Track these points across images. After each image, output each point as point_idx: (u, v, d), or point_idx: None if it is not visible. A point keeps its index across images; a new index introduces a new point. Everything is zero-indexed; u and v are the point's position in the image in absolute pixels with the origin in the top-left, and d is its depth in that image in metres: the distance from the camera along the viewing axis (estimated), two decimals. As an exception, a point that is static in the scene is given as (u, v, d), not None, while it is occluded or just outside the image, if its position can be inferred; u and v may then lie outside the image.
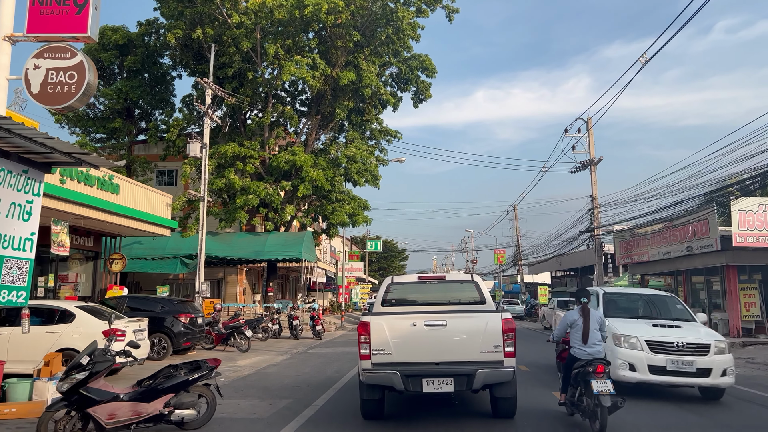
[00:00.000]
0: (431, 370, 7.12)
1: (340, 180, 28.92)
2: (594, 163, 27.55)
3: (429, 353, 7.18)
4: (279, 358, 15.69)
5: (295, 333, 22.33)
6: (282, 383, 11.12)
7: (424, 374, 7.10)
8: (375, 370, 7.15)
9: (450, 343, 7.19)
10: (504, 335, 7.13)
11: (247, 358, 15.64)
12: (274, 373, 12.49)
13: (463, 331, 7.23)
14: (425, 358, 7.18)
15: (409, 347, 7.20)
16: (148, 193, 22.65)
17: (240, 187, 27.43)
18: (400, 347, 7.18)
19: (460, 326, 7.25)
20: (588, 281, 51.48)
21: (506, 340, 7.13)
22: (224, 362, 14.43)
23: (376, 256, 78.96)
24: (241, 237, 28.42)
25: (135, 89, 29.87)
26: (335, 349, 18.10)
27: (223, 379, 10.25)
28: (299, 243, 27.27)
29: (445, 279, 8.83)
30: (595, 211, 27.40)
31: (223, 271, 33.15)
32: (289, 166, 27.75)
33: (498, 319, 7.20)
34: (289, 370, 13.21)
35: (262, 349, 18.18)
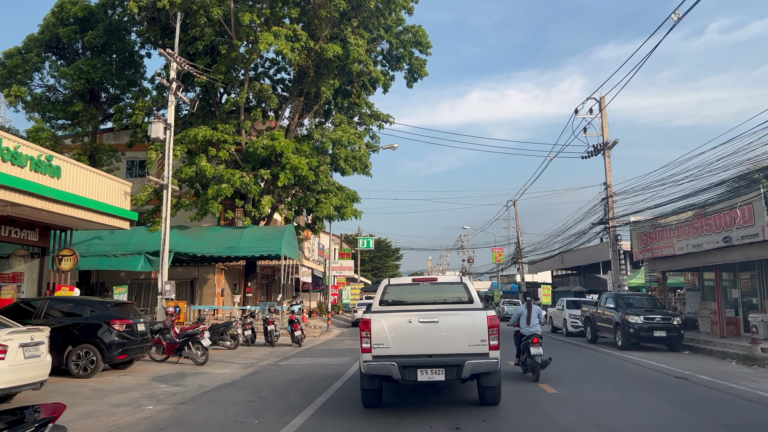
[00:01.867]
0: (425, 362, 7.77)
1: (326, 169, 25.95)
2: (608, 146, 24.67)
3: (423, 346, 7.82)
4: (239, 374, 12.70)
5: (271, 340, 19.36)
6: (221, 418, 8.14)
7: (418, 365, 7.74)
8: (375, 362, 7.75)
9: (441, 338, 7.83)
10: (489, 330, 7.79)
11: (200, 373, 12.66)
12: (219, 400, 9.52)
13: (452, 327, 7.87)
14: (420, 350, 7.82)
15: (406, 341, 7.82)
16: (100, 179, 19.64)
17: (212, 175, 24.47)
18: (397, 341, 7.80)
19: (450, 322, 7.91)
20: (594, 280, 48.59)
21: (491, 334, 7.80)
22: (170, 380, 11.45)
23: (369, 256, 75.97)
24: (215, 231, 25.42)
25: (97, 69, 26.81)
26: (311, 361, 15.13)
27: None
28: (279, 238, 24.29)
29: (437, 281, 9.67)
30: (610, 200, 24.52)
31: (198, 271, 30.12)
32: (267, 153, 24.80)
33: (483, 316, 7.90)
34: (242, 393, 10.24)
35: (225, 360, 15.20)
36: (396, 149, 29.07)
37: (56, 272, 19.48)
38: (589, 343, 21.17)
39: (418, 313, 8.00)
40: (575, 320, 24.75)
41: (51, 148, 21.73)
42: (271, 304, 40.01)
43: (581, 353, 17.56)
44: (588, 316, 21.76)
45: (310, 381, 11.51)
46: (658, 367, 13.85)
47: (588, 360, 15.67)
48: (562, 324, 26.06)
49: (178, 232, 25.18)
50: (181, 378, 11.95)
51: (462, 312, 8.17)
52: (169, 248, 24.08)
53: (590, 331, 21.43)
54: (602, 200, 24.89)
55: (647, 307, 19.21)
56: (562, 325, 25.92)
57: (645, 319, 17.99)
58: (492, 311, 8.15)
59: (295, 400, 9.36)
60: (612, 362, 15.11)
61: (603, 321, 20.23)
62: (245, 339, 19.58)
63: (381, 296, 8.95)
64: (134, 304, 14.51)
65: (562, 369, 13.37)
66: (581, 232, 27.54)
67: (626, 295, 20.80)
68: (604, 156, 24.80)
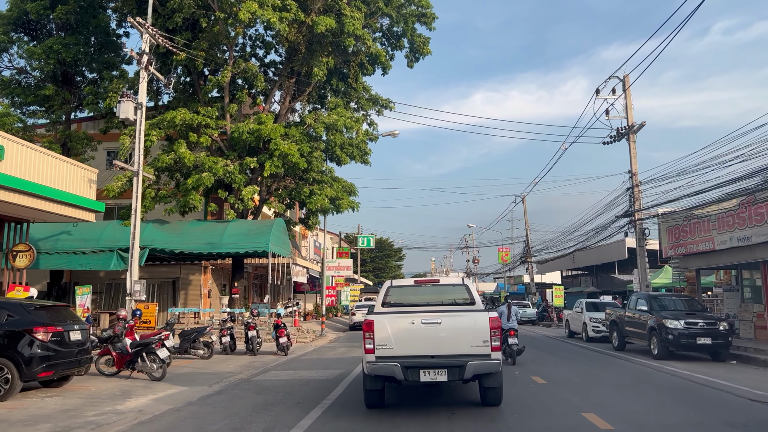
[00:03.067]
0: (427, 362, 7.79)
1: (320, 156, 23.44)
2: (633, 129, 22.10)
3: (425, 347, 7.83)
4: (197, 395, 10.19)
5: (252, 347, 16.83)
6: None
7: (421, 366, 7.76)
8: (378, 363, 7.77)
9: (444, 339, 7.83)
10: (491, 331, 7.76)
11: (150, 393, 10.15)
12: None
13: (455, 328, 7.88)
14: (422, 351, 7.82)
15: (408, 342, 7.84)
16: (58, 164, 17.20)
17: (192, 163, 22.00)
18: (400, 342, 7.82)
19: (452, 324, 7.92)
20: (607, 280, 45.92)
21: (493, 336, 7.75)
22: (106, 403, 8.96)
23: (371, 256, 73.44)
24: (195, 226, 22.92)
25: (70, 48, 24.38)
26: (293, 376, 12.61)
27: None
28: (266, 233, 21.79)
29: (439, 282, 9.62)
30: (635, 190, 21.95)
31: (180, 270, 27.62)
32: (254, 138, 22.33)
33: (486, 317, 7.89)
34: (187, 427, 7.72)
35: (190, 373, 12.68)
36: (397, 136, 26.57)
37: (10, 270, 17.11)
38: (615, 350, 18.62)
39: (420, 314, 8.01)
40: (597, 324, 22.19)
41: (19, 137, 19.34)
42: (265, 306, 37.53)
43: (612, 364, 15.00)
44: (614, 320, 19.19)
45: (282, 406, 8.98)
46: (715, 383, 11.27)
47: (626, 374, 13.10)
48: (581, 328, 23.49)
49: (155, 226, 22.73)
50: (122, 399, 9.45)
51: (465, 313, 8.20)
52: (142, 244, 21.75)
53: (617, 336, 18.86)
54: (627, 190, 22.33)
55: (685, 309, 16.66)
56: (581, 330, 23.36)
57: (686, 324, 15.41)
58: (494, 313, 8.11)
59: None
60: (657, 377, 12.53)
61: (633, 325, 17.67)
62: (223, 347, 17.09)
63: (384, 297, 8.98)
64: (69, 307, 12.00)
65: (602, 388, 10.81)
66: (601, 226, 24.96)
67: (660, 296, 18.26)
68: (629, 141, 22.23)
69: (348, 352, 18.36)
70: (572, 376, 12.46)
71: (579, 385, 10.91)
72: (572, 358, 16.67)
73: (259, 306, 36.46)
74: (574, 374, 12.79)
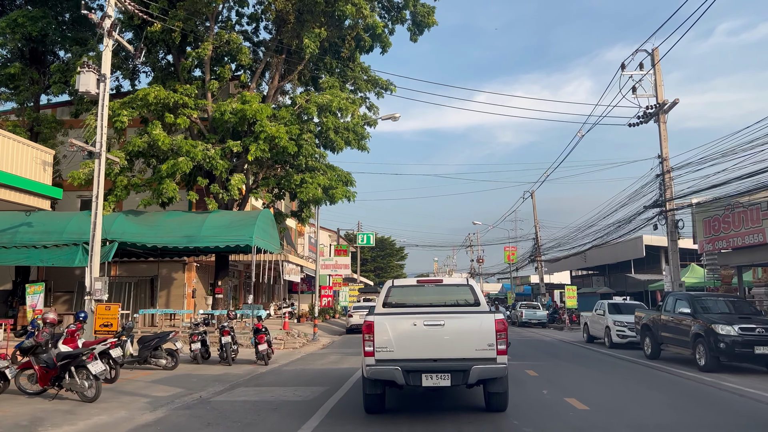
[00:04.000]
0: (430, 366, 7.42)
1: (310, 138, 20.97)
2: (663, 108, 19.58)
3: (428, 350, 7.48)
4: (128, 425, 7.73)
5: (226, 356, 14.36)
6: None
7: (423, 370, 7.42)
8: (378, 366, 7.45)
9: (447, 341, 7.49)
10: (497, 334, 7.41)
11: (66, 423, 7.69)
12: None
13: (459, 330, 7.53)
14: (424, 354, 7.48)
15: (410, 345, 7.52)
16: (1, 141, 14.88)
17: (168, 147, 19.59)
18: (401, 345, 7.49)
19: (456, 326, 7.57)
20: (621, 280, 43.32)
21: (499, 338, 7.40)
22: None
23: (372, 255, 70.97)
24: (171, 217, 20.46)
25: (36, 22, 21.98)
26: (265, 395, 10.13)
27: None
28: (250, 225, 19.33)
29: (443, 282, 9.36)
30: (666, 176, 19.42)
31: (158, 267, 25.21)
32: (237, 119, 19.94)
33: (491, 319, 7.53)
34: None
35: (135, 391, 10.21)
36: (398, 120, 24.09)
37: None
38: (649, 359, 16.13)
39: (423, 315, 7.74)
40: (622, 328, 19.69)
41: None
42: (257, 308, 35.15)
43: (656, 379, 12.49)
44: (646, 325, 16.69)
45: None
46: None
47: (679, 392, 10.58)
48: (603, 333, 20.97)
49: (127, 218, 20.30)
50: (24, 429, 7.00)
51: (469, 315, 7.94)
52: (112, 237, 19.35)
53: (650, 343, 16.36)
54: (656, 177, 19.80)
55: (735, 312, 14.16)
56: (604, 335, 20.84)
57: (741, 331, 12.89)
58: (500, 314, 7.74)
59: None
60: (719, 398, 10.03)
61: (671, 330, 15.16)
62: (193, 355, 14.62)
63: (384, 298, 8.75)
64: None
65: (663, 415, 8.29)
66: (624, 219, 22.40)
67: (703, 296, 15.75)
68: (659, 121, 19.71)
69: (339, 361, 15.90)
70: (615, 397, 9.96)
71: (631, 412, 8.39)
72: (603, 369, 14.16)
73: (251, 307, 34.06)
74: (616, 394, 10.28)
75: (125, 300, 24.67)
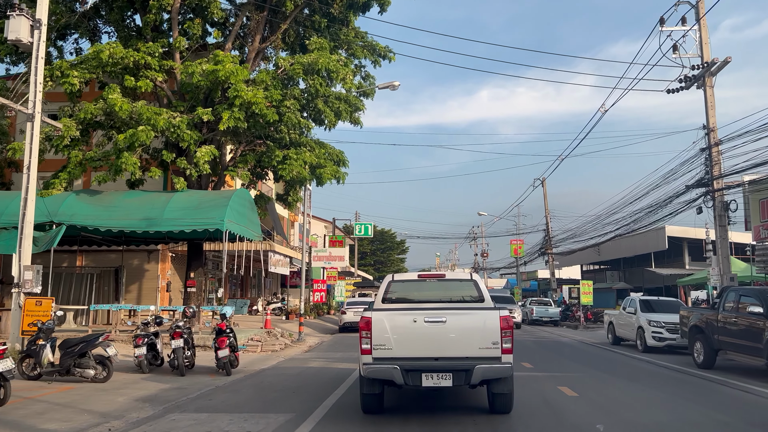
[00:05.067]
0: (430, 365, 7.14)
1: (294, 106, 17.94)
2: (710, 70, 16.53)
3: (428, 349, 7.19)
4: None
5: (177, 364, 11.40)
6: None
7: (423, 369, 7.13)
8: (376, 365, 7.15)
9: (449, 339, 7.19)
10: (502, 332, 7.08)
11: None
12: None
13: (462, 328, 7.23)
14: (425, 353, 7.20)
15: (409, 342, 7.22)
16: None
17: (127, 114, 16.63)
18: (400, 342, 7.18)
19: (459, 323, 7.26)
20: (639, 274, 40.31)
21: (504, 336, 7.07)
22: None
23: (371, 249, 68.05)
24: (131, 197, 17.49)
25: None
26: (204, 426, 7.16)
27: None
28: (222, 206, 16.36)
29: (445, 277, 9.09)
30: (714, 150, 16.39)
31: (127, 257, 22.25)
32: (209, 83, 16.98)
33: (496, 316, 7.18)
34: None
35: (18, 422, 7.28)
36: (397, 89, 21.05)
37: None
38: (701, 368, 13.17)
39: (423, 311, 7.36)
40: (659, 329, 16.73)
41: None
42: (243, 303, 32.04)
43: (732, 400, 9.52)
44: (696, 326, 13.69)
45: None
46: None
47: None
48: (634, 334, 18.00)
49: (80, 197, 17.38)
50: None
51: (472, 311, 7.59)
52: (59, 219, 16.42)
53: (702, 348, 13.37)
54: (701, 151, 16.77)
55: None
56: (635, 336, 17.87)
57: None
58: (505, 311, 7.34)
59: None
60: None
61: (735, 335, 12.17)
62: (137, 362, 11.66)
63: (384, 293, 8.40)
64: None
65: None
66: (656, 204, 19.36)
67: None
68: (704, 85, 16.68)
69: (322, 370, 12.91)
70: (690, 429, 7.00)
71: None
72: (656, 384, 11.17)
73: (236, 303, 31.12)
74: (689, 426, 7.32)
75: (86, 294, 21.79)
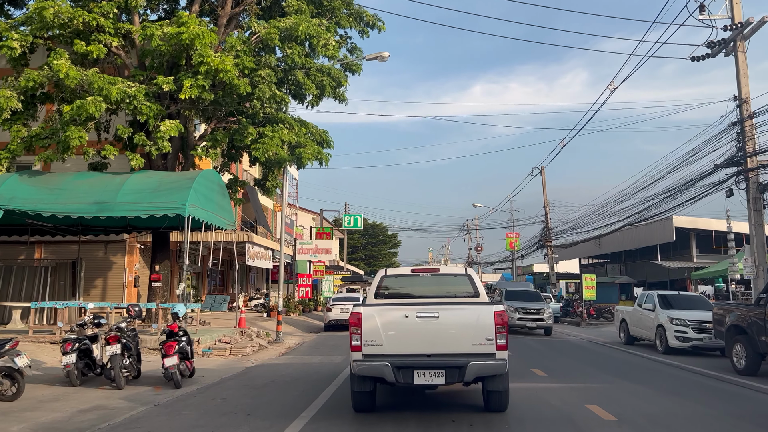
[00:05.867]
0: (423, 362, 6.98)
1: (269, 76, 15.76)
2: (742, 32, 14.48)
3: (421, 345, 7.05)
4: None
5: (112, 375, 9.26)
6: None
7: (415, 366, 6.97)
8: (366, 362, 6.97)
9: (442, 335, 7.06)
10: (496, 328, 6.93)
11: None
12: None
13: (455, 323, 7.08)
14: (417, 349, 7.02)
15: (401, 339, 7.05)
16: None
17: (76, 83, 14.42)
18: (391, 339, 7.02)
19: (452, 318, 7.11)
20: (642, 267, 38.42)
21: (498, 332, 6.93)
22: None
23: (363, 242, 65.94)
24: (81, 179, 15.24)
25: None
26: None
27: None
28: (185, 188, 14.13)
29: (439, 272, 8.92)
30: (747, 124, 14.36)
31: (79, 249, 19.97)
32: (171, 47, 14.79)
33: (490, 311, 7.03)
34: None
35: None
36: (386, 60, 18.87)
37: None
38: (740, 375, 11.20)
39: (415, 307, 7.19)
40: (684, 328, 14.76)
41: None
42: (222, 299, 29.91)
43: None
44: (736, 326, 11.68)
45: None
46: None
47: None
48: (652, 333, 16.01)
49: (21, 178, 15.10)
50: None
51: (466, 306, 7.39)
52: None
53: (743, 352, 11.38)
54: (731, 126, 14.74)
55: None
56: (654, 336, 15.89)
57: None
58: (500, 306, 7.12)
59: None
60: None
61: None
62: (66, 372, 9.49)
63: (377, 288, 8.20)
64: None
65: None
66: (676, 187, 17.34)
67: None
68: (735, 50, 14.64)
69: (294, 381, 10.76)
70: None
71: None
72: (697, 396, 9.14)
73: (214, 300, 28.82)
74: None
75: (39, 290, 19.55)
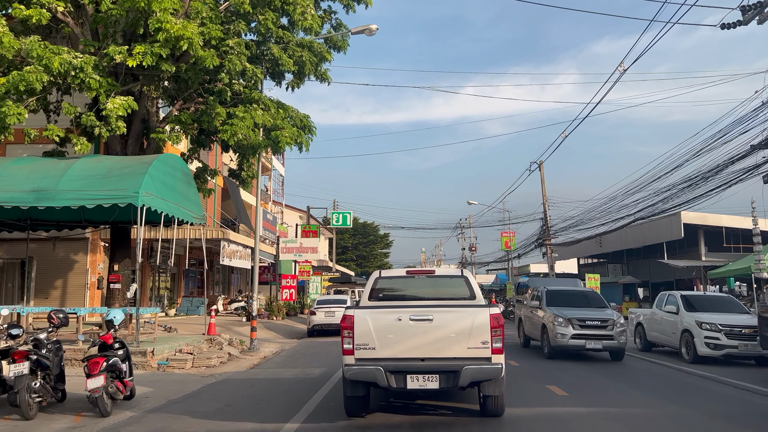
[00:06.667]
0: (416, 366, 6.85)
1: (239, 47, 13.73)
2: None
3: (414, 349, 6.88)
4: None
5: (18, 402, 7.21)
6: None
7: (408, 370, 6.84)
8: (358, 366, 6.86)
9: (436, 339, 6.92)
10: (492, 331, 6.80)
11: None
12: None
13: (449, 327, 6.92)
14: (410, 353, 6.88)
15: (394, 342, 6.91)
16: None
17: (15, 53, 12.41)
18: (384, 342, 6.89)
19: (446, 321, 6.96)
20: (645, 267, 36.58)
21: (494, 335, 6.80)
22: None
23: (353, 242, 63.89)
24: (20, 164, 13.17)
25: None
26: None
27: None
28: (138, 173, 12.09)
29: (435, 273, 8.74)
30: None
31: (27, 246, 17.78)
32: (124, 13, 12.72)
33: (486, 314, 6.89)
34: None
35: None
36: (375, 33, 16.86)
37: None
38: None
39: (408, 309, 7.06)
40: (715, 334, 12.89)
41: None
42: (200, 301, 28.24)
43: None
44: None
45: None
46: None
47: None
48: (676, 339, 14.12)
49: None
50: None
51: (461, 309, 7.14)
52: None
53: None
54: (766, 103, 12.84)
55: None
56: (678, 342, 14.00)
57: None
58: (496, 309, 7.03)
59: None
60: None
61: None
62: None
63: (371, 290, 8.08)
64: None
65: None
66: (700, 173, 15.45)
67: None
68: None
69: (259, 404, 8.70)
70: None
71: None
72: (764, 425, 7.22)
73: (165, 304, 26.63)
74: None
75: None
